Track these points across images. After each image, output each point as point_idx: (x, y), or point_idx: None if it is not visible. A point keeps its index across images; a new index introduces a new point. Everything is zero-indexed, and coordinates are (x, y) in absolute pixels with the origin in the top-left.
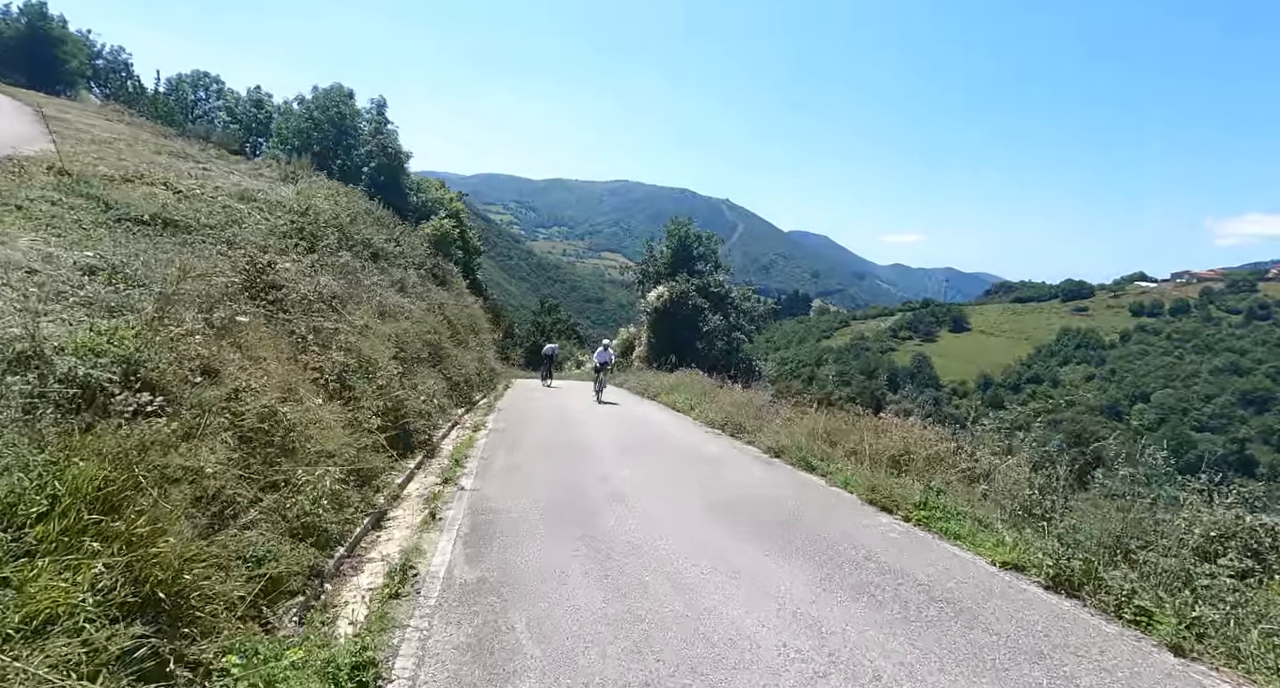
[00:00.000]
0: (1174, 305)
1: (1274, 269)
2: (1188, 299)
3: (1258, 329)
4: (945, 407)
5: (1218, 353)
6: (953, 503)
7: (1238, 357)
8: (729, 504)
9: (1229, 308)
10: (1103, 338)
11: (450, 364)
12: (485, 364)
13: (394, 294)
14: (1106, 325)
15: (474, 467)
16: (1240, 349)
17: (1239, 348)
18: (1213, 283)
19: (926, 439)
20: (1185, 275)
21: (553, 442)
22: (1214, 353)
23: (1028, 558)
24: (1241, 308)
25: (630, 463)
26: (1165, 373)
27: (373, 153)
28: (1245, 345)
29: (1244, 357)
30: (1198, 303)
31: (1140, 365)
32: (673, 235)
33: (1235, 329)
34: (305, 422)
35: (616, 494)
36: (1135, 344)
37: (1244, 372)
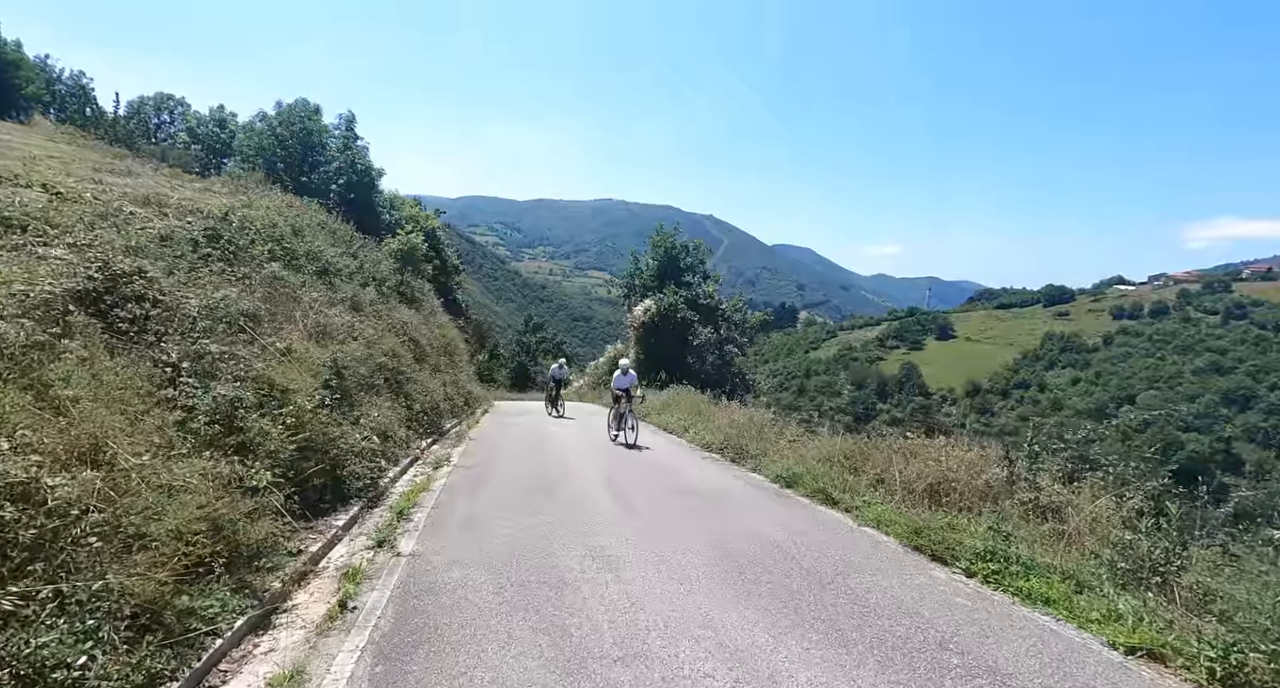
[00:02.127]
0: (1153, 308)
1: (1247, 270)
2: (1166, 301)
3: (1235, 329)
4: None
5: (1199, 353)
6: (1026, 551)
7: (1218, 357)
8: (743, 562)
9: (1206, 309)
10: (1086, 342)
11: (415, 390)
12: (460, 388)
13: (341, 313)
14: (1089, 329)
15: (423, 519)
16: (1220, 349)
17: (1219, 348)
18: (1189, 285)
19: (970, 463)
20: (1162, 278)
21: (525, 480)
22: (1195, 353)
23: (1165, 641)
24: (1219, 308)
25: (618, 506)
26: (1149, 374)
27: (341, 169)
28: (1225, 345)
29: (1224, 356)
30: (1176, 305)
31: (1124, 368)
32: (658, 246)
33: (1214, 330)
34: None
35: (600, 554)
36: (1118, 347)
37: (1225, 371)
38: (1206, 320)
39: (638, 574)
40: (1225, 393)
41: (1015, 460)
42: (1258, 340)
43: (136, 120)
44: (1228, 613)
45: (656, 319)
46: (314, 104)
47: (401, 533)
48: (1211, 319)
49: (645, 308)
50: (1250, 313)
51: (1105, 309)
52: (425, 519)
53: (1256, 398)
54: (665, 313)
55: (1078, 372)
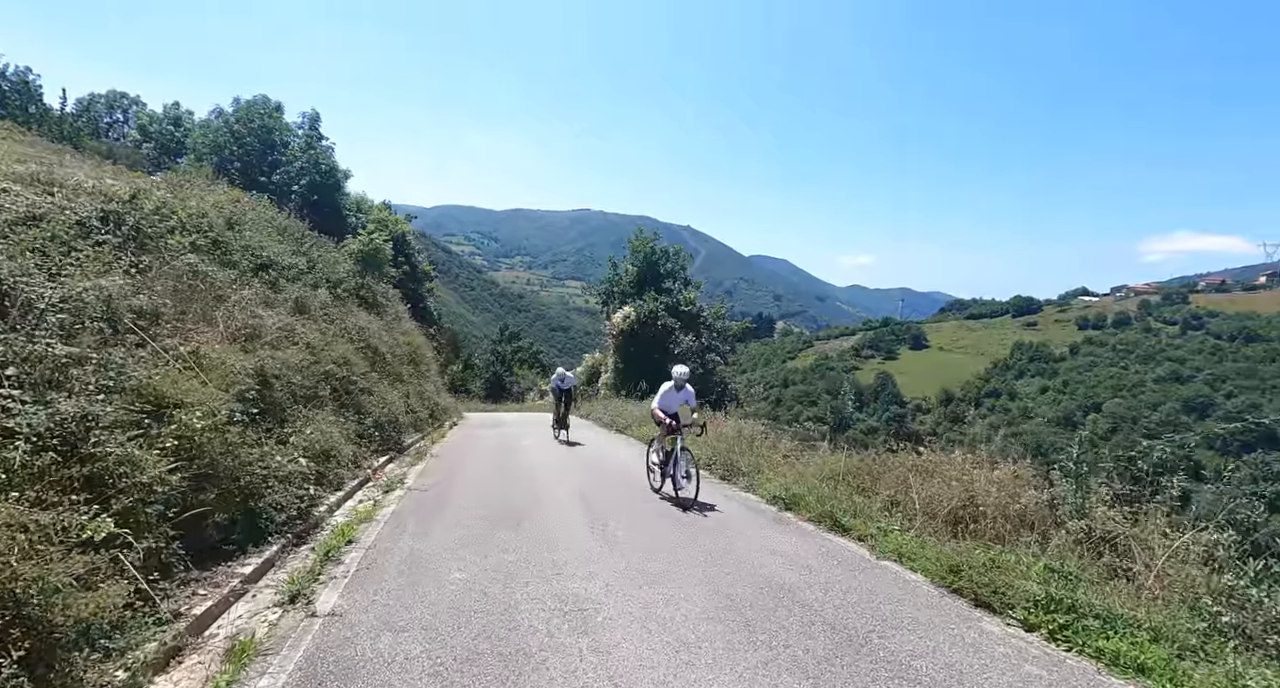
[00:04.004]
0: (1116, 318)
1: (1202, 282)
2: (1127, 312)
3: (1193, 338)
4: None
5: (1159, 362)
6: (1098, 599)
7: (1178, 365)
8: (751, 614)
9: (1165, 319)
10: (1053, 351)
11: (370, 402)
12: (426, 400)
13: (282, 315)
14: (1056, 339)
15: (356, 561)
16: (1179, 358)
17: (1178, 357)
18: (1149, 296)
19: (1001, 484)
20: (1123, 289)
21: (488, 505)
22: (1156, 363)
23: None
24: (1177, 319)
25: (596, 538)
26: (1114, 383)
27: (304, 170)
28: (1184, 354)
29: (1183, 365)
30: (1137, 315)
31: (1090, 377)
32: (637, 251)
33: (1173, 339)
34: None
35: (574, 606)
36: (1084, 357)
37: (1184, 379)
38: (1166, 331)
39: (621, 638)
40: (1185, 401)
41: (1055, 482)
42: (1214, 350)
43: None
44: None
45: (636, 327)
46: (275, 101)
47: (324, 582)
48: (1171, 329)
49: (625, 315)
50: (1206, 323)
51: (1071, 319)
52: (359, 562)
53: (1214, 406)
54: (645, 320)
55: (1046, 381)
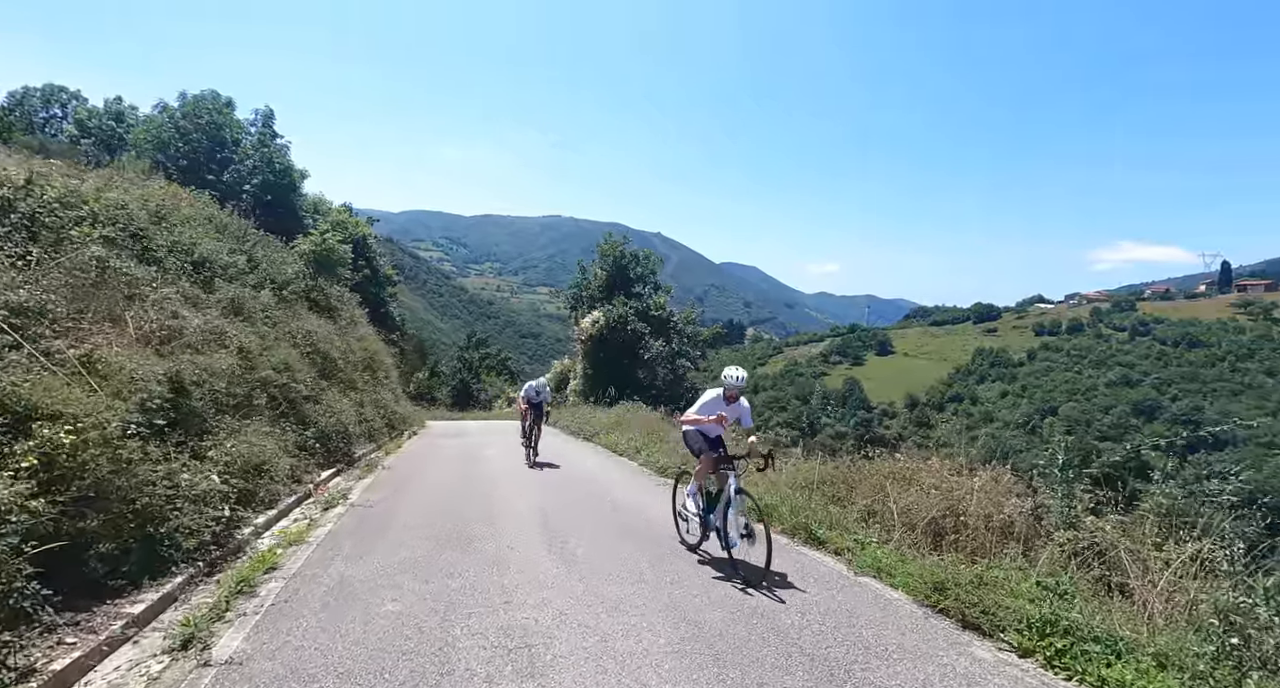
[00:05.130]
0: (1070, 325)
1: (1148, 291)
2: (1081, 319)
3: (1140, 344)
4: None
5: (1110, 367)
6: (1099, 620)
7: (1128, 370)
8: (721, 645)
9: (1115, 326)
10: (1012, 356)
11: (316, 411)
12: (383, 408)
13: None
14: (1015, 345)
15: (274, 592)
16: (1129, 363)
17: (1128, 362)
18: (1100, 303)
19: (983, 492)
20: (1076, 297)
21: (437, 523)
22: (1107, 367)
23: None
24: (1126, 325)
25: (553, 558)
26: (1069, 387)
27: (256, 168)
28: (1132, 360)
29: (1133, 370)
30: (1089, 322)
31: (1047, 381)
32: (606, 255)
33: (1123, 345)
34: None
35: (521, 640)
36: (1041, 362)
37: (1133, 383)
38: (1116, 337)
39: (571, 681)
40: (1135, 404)
41: (1037, 489)
42: (1160, 355)
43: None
44: None
45: (605, 331)
46: (226, 97)
47: (231, 620)
48: (1120, 335)
49: (593, 320)
50: (1152, 329)
51: (1028, 326)
52: (277, 593)
53: (1161, 408)
54: (614, 325)
55: (1006, 385)
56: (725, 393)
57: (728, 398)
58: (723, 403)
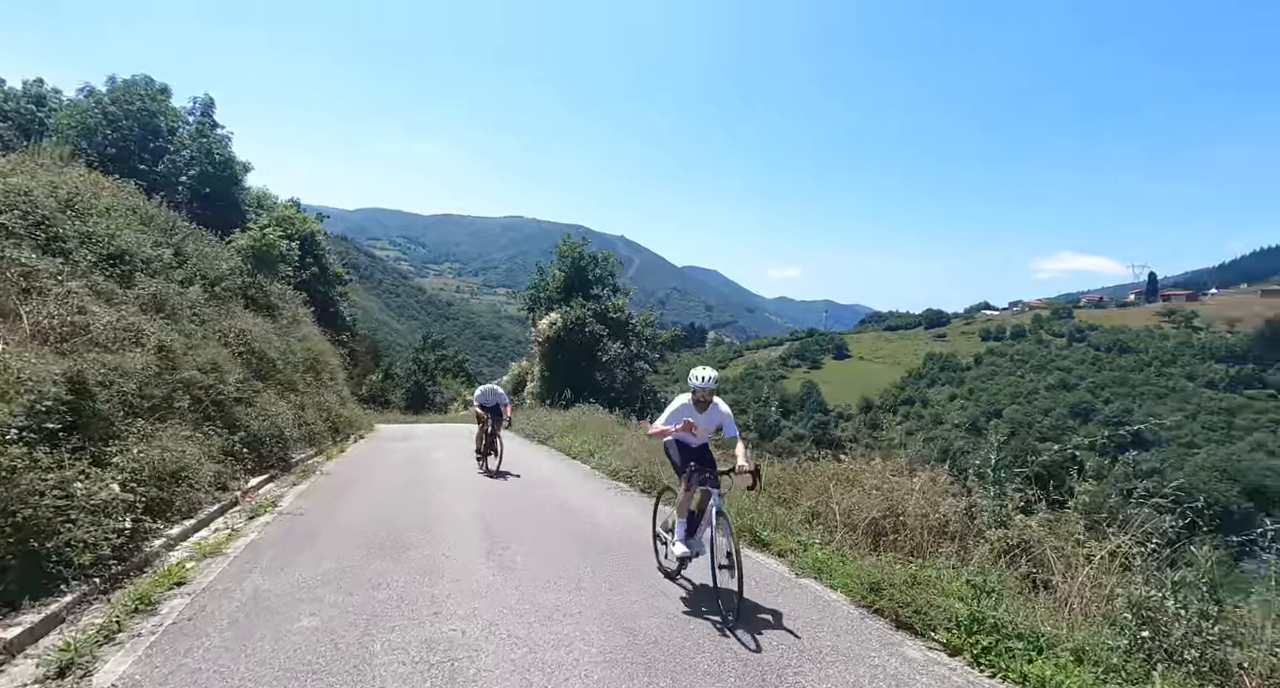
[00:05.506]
0: (1013, 331)
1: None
2: (1023, 325)
3: (1077, 350)
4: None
5: (1050, 371)
6: (1021, 617)
7: (1065, 374)
8: (655, 652)
9: (1054, 332)
10: (960, 361)
11: (249, 414)
12: (327, 411)
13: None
14: (963, 350)
15: (176, 610)
16: (1067, 368)
17: (1065, 367)
18: (1041, 311)
19: (921, 492)
20: (1019, 304)
21: (371, 531)
22: (1047, 372)
23: None
24: (1064, 332)
25: (491, 565)
26: (1012, 390)
27: (194, 159)
28: (1070, 364)
29: (1070, 374)
30: (1031, 328)
31: (992, 385)
32: (565, 256)
33: (1061, 351)
34: None
35: (445, 654)
36: (987, 366)
37: (1070, 387)
38: (1055, 342)
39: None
40: (1072, 406)
41: (972, 489)
42: (1094, 360)
43: None
44: None
45: (563, 333)
46: (160, 83)
47: (122, 642)
48: (1059, 341)
49: (551, 321)
50: (1088, 336)
51: (975, 332)
52: (181, 611)
53: (1095, 411)
54: (572, 326)
55: (954, 388)
56: (694, 396)
57: (698, 402)
58: (692, 409)
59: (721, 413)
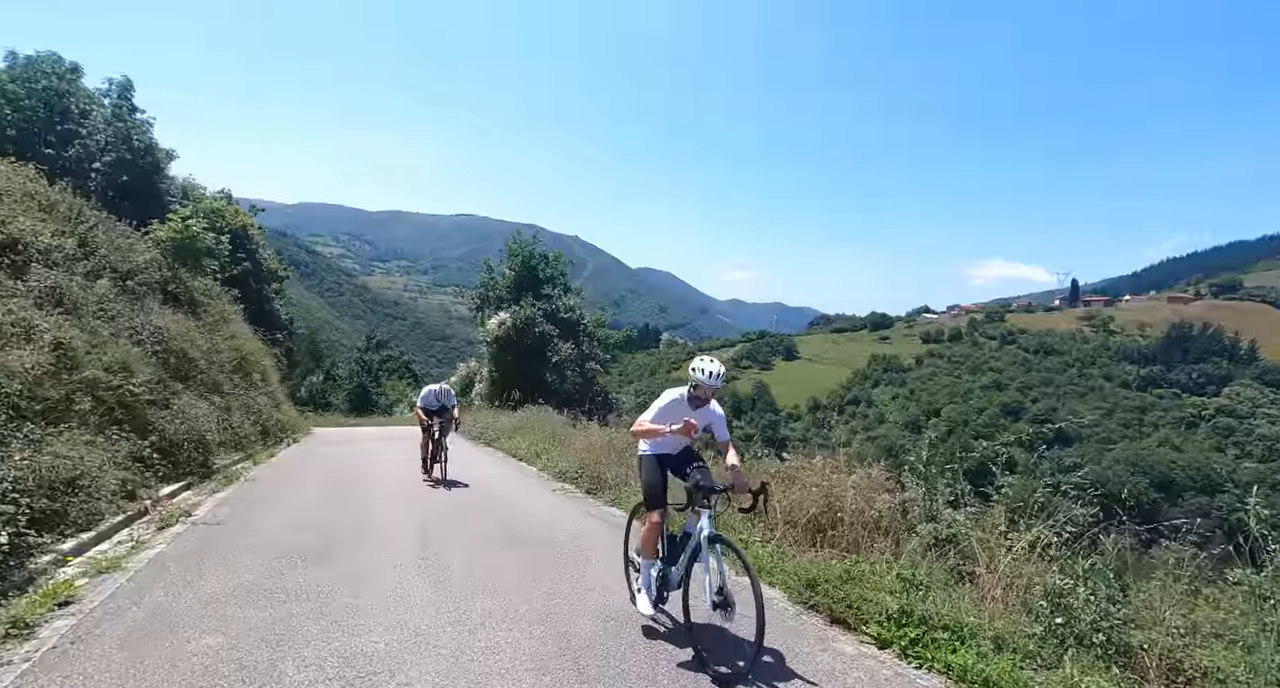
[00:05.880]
0: (951, 334)
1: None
2: (960, 328)
3: (1007, 352)
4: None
5: (984, 373)
6: (947, 608)
7: (998, 375)
8: (587, 655)
9: (988, 335)
10: (903, 363)
11: (164, 417)
12: (257, 414)
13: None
14: (905, 352)
15: (57, 634)
16: (999, 369)
17: (998, 368)
18: (975, 315)
19: (859, 489)
20: (957, 308)
21: (296, 539)
22: (982, 373)
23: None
24: (997, 335)
25: (422, 575)
26: (950, 391)
27: (110, 144)
28: (1001, 366)
29: (1002, 375)
30: (966, 331)
31: (932, 385)
32: (515, 255)
33: (994, 353)
34: None
35: (360, 673)
36: (927, 367)
37: (1002, 387)
38: (989, 345)
39: None
40: (1004, 406)
41: (907, 485)
42: (1023, 362)
43: None
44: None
45: (513, 333)
46: (70, 62)
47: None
48: (992, 344)
49: (500, 321)
50: (1017, 339)
51: (916, 334)
52: (65, 633)
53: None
54: (522, 326)
55: (897, 389)
56: (692, 392)
57: (694, 399)
58: (686, 406)
59: (715, 414)
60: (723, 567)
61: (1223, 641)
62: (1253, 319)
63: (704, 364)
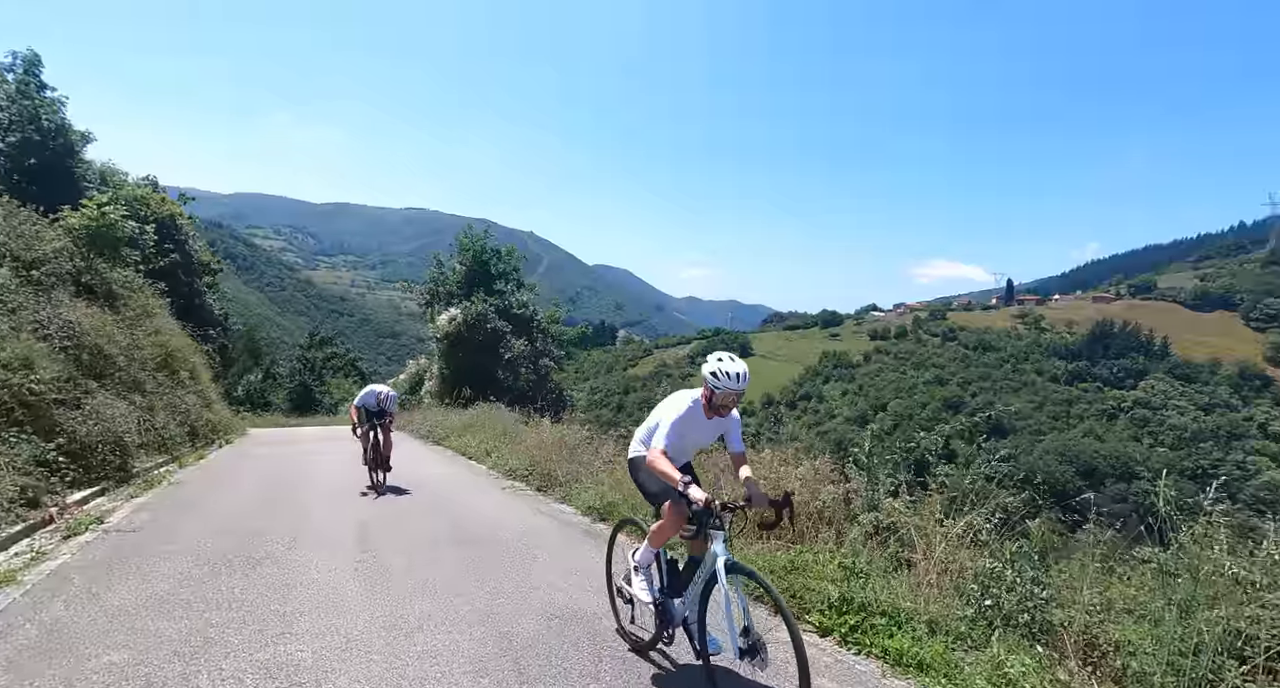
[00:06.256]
0: (897, 331)
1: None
2: (905, 326)
3: (949, 349)
4: None
5: (928, 368)
6: (885, 595)
7: (940, 370)
8: (528, 656)
9: (931, 332)
10: (852, 359)
11: (74, 418)
12: (184, 414)
13: None
14: (854, 349)
15: None
16: (941, 365)
17: (940, 363)
18: (920, 312)
19: (805, 481)
20: (902, 306)
21: (220, 546)
22: (925, 369)
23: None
24: (939, 332)
25: (360, 578)
26: (896, 386)
27: (14, 124)
28: (944, 362)
29: (944, 370)
30: (911, 329)
31: (879, 381)
32: (466, 249)
33: (937, 349)
34: None
35: (285, 680)
36: (874, 364)
37: (944, 382)
38: (932, 342)
39: None
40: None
41: (850, 477)
42: (964, 358)
43: None
44: (1133, 671)
45: (464, 330)
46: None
47: None
48: (935, 341)
49: (451, 317)
50: (958, 336)
51: (864, 332)
52: None
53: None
54: (474, 323)
55: (846, 384)
56: (715, 399)
57: (714, 403)
58: (701, 416)
59: (731, 418)
60: (745, 602)
61: (1133, 616)
62: (1165, 318)
63: (725, 365)
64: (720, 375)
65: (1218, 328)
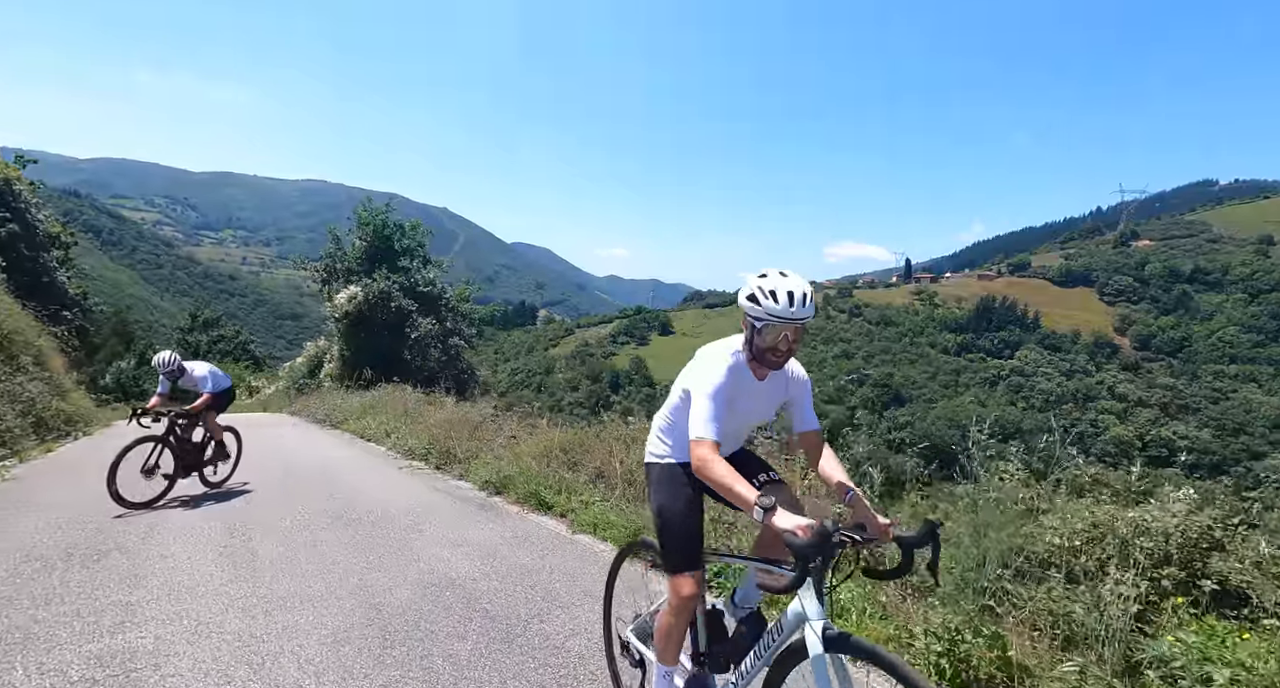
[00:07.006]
0: None
1: (861, 281)
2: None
3: (855, 324)
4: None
5: (835, 344)
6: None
7: (847, 345)
8: (396, 623)
9: (839, 309)
10: None
11: None
12: (25, 404)
13: None
14: None
15: None
16: (848, 339)
17: (847, 338)
18: (829, 290)
19: None
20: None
21: (59, 540)
22: (834, 344)
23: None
24: (846, 308)
25: (224, 563)
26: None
27: None
28: (850, 337)
29: (850, 344)
30: (821, 306)
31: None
32: (365, 224)
33: (844, 326)
34: None
35: (118, 670)
36: None
37: (850, 356)
38: (840, 318)
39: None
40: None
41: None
42: (868, 334)
43: None
44: (948, 593)
45: (365, 308)
46: None
47: None
48: (843, 317)
49: (350, 296)
50: (863, 313)
51: None
52: None
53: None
54: (376, 301)
55: None
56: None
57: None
58: (748, 376)
59: (796, 379)
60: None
61: (948, 543)
62: (1037, 294)
63: (773, 281)
64: (765, 296)
65: (1079, 303)
